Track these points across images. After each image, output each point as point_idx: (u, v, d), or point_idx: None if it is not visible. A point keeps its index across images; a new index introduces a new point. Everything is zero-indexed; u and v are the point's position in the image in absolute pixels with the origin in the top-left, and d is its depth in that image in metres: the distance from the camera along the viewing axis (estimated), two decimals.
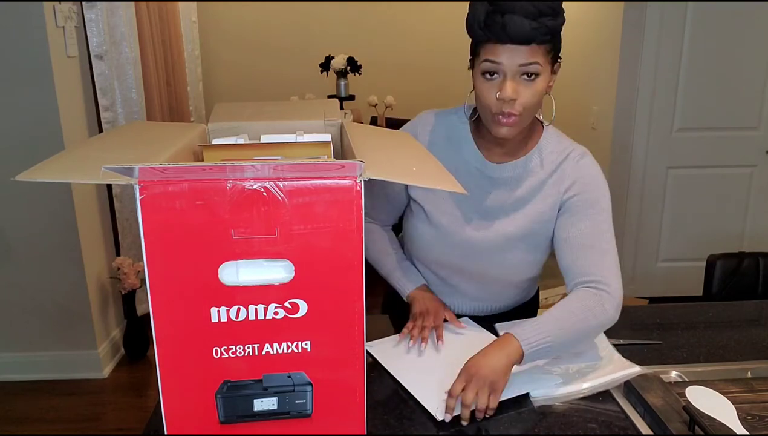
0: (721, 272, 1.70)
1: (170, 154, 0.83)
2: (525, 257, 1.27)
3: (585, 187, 1.21)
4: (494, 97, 1.10)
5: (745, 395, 1.04)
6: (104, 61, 2.71)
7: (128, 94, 2.90)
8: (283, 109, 1.23)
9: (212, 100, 4.34)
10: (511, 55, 1.06)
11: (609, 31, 3.24)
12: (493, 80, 1.10)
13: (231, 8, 4.42)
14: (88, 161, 0.77)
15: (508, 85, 1.08)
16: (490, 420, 1.02)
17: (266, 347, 0.80)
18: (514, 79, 1.08)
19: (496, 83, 1.10)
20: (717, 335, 1.31)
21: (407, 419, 1.02)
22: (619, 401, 1.07)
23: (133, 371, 2.79)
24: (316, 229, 0.76)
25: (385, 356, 1.20)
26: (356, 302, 0.79)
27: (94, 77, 2.69)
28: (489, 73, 1.10)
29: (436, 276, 1.36)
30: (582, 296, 1.14)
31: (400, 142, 1.06)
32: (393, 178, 0.77)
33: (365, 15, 4.50)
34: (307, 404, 0.83)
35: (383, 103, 4.11)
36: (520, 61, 1.07)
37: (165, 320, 0.77)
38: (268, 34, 4.49)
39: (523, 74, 1.08)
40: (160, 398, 0.80)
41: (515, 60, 1.07)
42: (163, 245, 0.74)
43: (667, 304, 1.49)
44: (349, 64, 3.97)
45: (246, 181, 0.73)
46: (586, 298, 1.13)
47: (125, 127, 1.14)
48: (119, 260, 2.75)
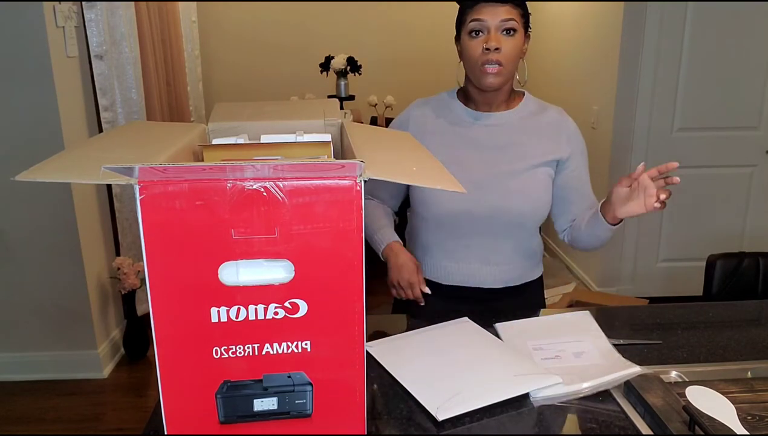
0: (721, 272, 1.70)
1: (170, 154, 0.83)
2: (532, 192, 1.39)
3: (578, 142, 1.44)
4: (481, 49, 1.31)
5: (745, 395, 1.04)
6: (104, 61, 2.71)
7: (128, 94, 2.90)
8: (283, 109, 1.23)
9: (212, 100, 4.34)
10: (493, 13, 1.30)
11: (609, 31, 3.24)
12: (478, 37, 1.32)
13: (231, 8, 4.42)
14: (88, 161, 0.77)
15: (492, 36, 1.30)
16: (490, 420, 1.02)
17: (266, 347, 0.80)
18: (497, 33, 1.30)
19: (481, 39, 1.32)
20: (717, 335, 1.31)
21: (407, 419, 1.02)
22: (619, 401, 1.07)
23: (133, 371, 2.79)
24: (316, 229, 0.76)
25: (385, 356, 1.20)
26: (356, 302, 0.79)
27: (94, 77, 2.70)
28: (475, 31, 1.31)
29: (449, 237, 1.43)
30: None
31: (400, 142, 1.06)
32: (393, 178, 0.77)
33: (365, 15, 4.51)
34: (307, 404, 0.83)
35: (383, 103, 4.11)
36: (501, 17, 1.30)
37: (165, 320, 0.77)
38: (268, 34, 4.49)
39: (503, 30, 1.30)
40: (160, 398, 0.80)
41: (497, 16, 1.30)
42: (163, 245, 0.74)
43: (667, 304, 1.49)
44: (349, 64, 3.97)
45: (246, 181, 0.73)
46: None
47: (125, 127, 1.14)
48: (119, 260, 2.75)
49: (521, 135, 1.40)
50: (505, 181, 1.38)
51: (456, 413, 1.01)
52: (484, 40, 1.31)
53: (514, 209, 1.38)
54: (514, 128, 1.41)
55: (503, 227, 1.40)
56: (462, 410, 1.02)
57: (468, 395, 1.06)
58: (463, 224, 1.40)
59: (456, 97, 1.46)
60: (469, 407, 1.03)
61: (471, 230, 1.40)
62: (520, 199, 1.38)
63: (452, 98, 1.46)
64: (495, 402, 1.04)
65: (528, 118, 1.42)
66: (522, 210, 1.39)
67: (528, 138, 1.41)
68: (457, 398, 1.04)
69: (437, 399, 1.05)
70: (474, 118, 1.42)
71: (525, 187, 1.38)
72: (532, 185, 1.39)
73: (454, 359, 1.18)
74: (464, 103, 1.44)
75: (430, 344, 1.24)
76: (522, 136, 1.40)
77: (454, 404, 1.03)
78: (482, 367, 1.15)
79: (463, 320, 1.34)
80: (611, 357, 1.18)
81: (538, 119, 1.42)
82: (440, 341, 1.26)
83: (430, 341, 1.25)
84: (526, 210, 1.39)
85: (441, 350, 1.22)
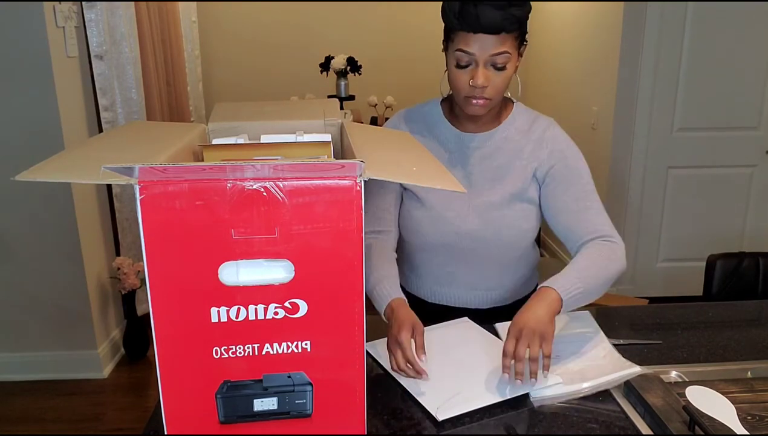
0: (721, 272, 1.70)
1: (170, 154, 0.83)
2: (514, 223, 1.31)
3: (562, 154, 1.30)
4: (467, 83, 1.19)
5: (745, 395, 1.04)
6: (104, 61, 2.71)
7: (128, 94, 2.90)
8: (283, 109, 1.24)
9: (212, 100, 4.34)
10: (483, 45, 1.15)
11: (609, 31, 3.24)
12: (465, 68, 1.19)
13: (231, 8, 4.42)
14: (88, 161, 0.77)
15: (480, 73, 1.17)
16: (490, 420, 1.02)
17: (266, 347, 0.80)
18: (486, 67, 1.17)
19: (468, 71, 1.19)
20: (717, 335, 1.31)
21: (407, 419, 1.02)
22: (619, 401, 1.07)
23: (133, 371, 2.79)
24: (316, 229, 0.76)
25: (385, 357, 1.20)
26: (356, 302, 0.79)
27: (94, 77, 2.69)
28: (461, 62, 1.18)
29: (434, 263, 1.38)
30: (598, 247, 1.24)
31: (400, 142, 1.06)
32: (393, 178, 0.77)
33: (365, 15, 4.50)
34: (307, 404, 0.83)
35: (383, 103, 4.11)
36: (491, 51, 1.15)
37: (165, 320, 0.77)
38: (268, 34, 4.49)
39: (493, 64, 1.17)
40: (160, 398, 0.80)
41: (486, 50, 1.15)
42: (163, 245, 0.74)
43: (667, 304, 1.49)
44: (349, 64, 3.97)
45: (246, 181, 0.73)
46: (602, 249, 1.23)
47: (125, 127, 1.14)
48: (119, 260, 2.75)
49: (506, 158, 1.31)
50: (487, 211, 1.30)
51: (456, 413, 1.01)
52: (471, 74, 1.18)
53: (498, 240, 1.32)
54: (500, 152, 1.31)
55: (488, 256, 1.35)
56: (462, 410, 1.02)
57: (468, 395, 1.06)
58: (447, 252, 1.35)
59: (441, 109, 1.36)
60: (469, 407, 1.03)
61: (455, 259, 1.35)
62: (504, 231, 1.31)
63: (438, 113, 1.36)
64: (495, 402, 1.04)
65: (514, 137, 1.32)
66: (507, 240, 1.33)
67: (512, 161, 1.31)
68: (457, 398, 1.04)
69: (437, 399, 1.05)
70: (459, 141, 1.32)
71: (508, 218, 1.30)
72: (515, 216, 1.31)
73: (454, 359, 1.18)
74: (449, 116, 1.34)
75: (430, 344, 1.24)
76: (507, 159, 1.31)
77: (454, 404, 1.03)
78: (482, 367, 1.15)
79: (463, 319, 1.34)
80: (611, 357, 1.18)
81: (525, 138, 1.32)
82: (440, 341, 1.25)
83: (429, 341, 1.25)
84: (511, 240, 1.33)
85: (441, 350, 1.22)
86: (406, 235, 1.38)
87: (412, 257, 1.41)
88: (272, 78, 4.52)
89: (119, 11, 2.78)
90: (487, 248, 1.34)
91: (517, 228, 1.32)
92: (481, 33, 1.13)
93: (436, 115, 1.36)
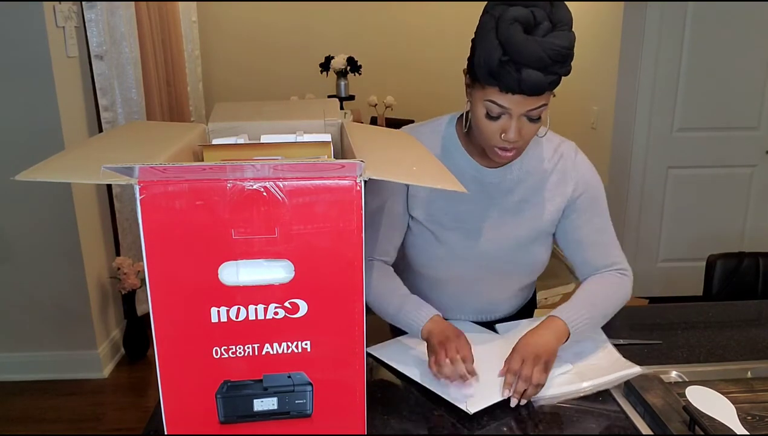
0: (721, 272, 1.70)
1: (170, 154, 0.83)
2: (536, 257, 1.27)
3: (587, 185, 1.25)
4: (497, 135, 1.09)
5: (745, 395, 1.04)
6: (104, 61, 2.71)
7: (128, 94, 2.90)
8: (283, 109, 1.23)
9: (212, 100, 4.34)
10: (520, 103, 1.05)
11: (609, 31, 3.24)
12: (497, 120, 1.08)
13: (231, 8, 4.42)
14: (88, 161, 0.77)
15: (513, 127, 1.07)
16: (490, 420, 1.02)
17: (266, 347, 0.80)
18: (519, 120, 1.07)
19: (500, 122, 1.08)
20: (717, 335, 1.31)
21: (407, 419, 1.02)
22: (619, 401, 1.07)
23: (133, 371, 2.79)
24: (316, 229, 0.76)
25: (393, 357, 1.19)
26: (356, 302, 0.79)
27: (94, 77, 2.69)
28: (492, 113, 1.08)
29: (444, 294, 1.31)
30: (611, 278, 1.26)
31: (400, 142, 1.06)
32: (393, 178, 0.77)
33: (365, 15, 4.50)
34: (307, 404, 0.83)
35: (383, 103, 4.11)
36: (529, 108, 1.06)
37: (165, 320, 0.77)
38: (268, 34, 4.49)
39: (528, 116, 1.07)
40: (160, 398, 0.80)
41: (523, 106, 1.05)
42: (163, 245, 0.74)
43: (667, 304, 1.50)
44: (349, 64, 3.97)
45: (246, 181, 0.73)
46: (613, 280, 1.26)
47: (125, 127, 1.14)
48: (119, 260, 2.75)
49: (530, 192, 1.24)
50: (509, 247, 1.24)
51: (484, 405, 1.02)
52: (503, 126, 1.08)
53: (518, 271, 1.29)
54: (522, 186, 1.23)
55: (503, 284, 1.31)
56: (489, 402, 1.03)
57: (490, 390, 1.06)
58: (460, 284, 1.29)
59: (455, 133, 1.24)
60: (494, 399, 1.04)
61: (468, 289, 1.30)
62: (524, 264, 1.27)
63: (453, 137, 1.23)
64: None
65: (537, 168, 1.23)
66: (526, 271, 1.30)
67: (535, 194, 1.24)
68: (482, 393, 1.05)
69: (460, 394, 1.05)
70: (478, 174, 1.22)
71: (530, 253, 1.26)
72: (537, 250, 1.26)
73: None
74: (466, 142, 1.23)
75: None
76: (530, 192, 1.24)
77: (481, 398, 1.04)
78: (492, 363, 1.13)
79: (463, 321, 1.34)
80: (611, 357, 1.18)
81: (549, 167, 1.24)
82: None
83: None
84: (529, 270, 1.30)
85: None
86: (419, 269, 1.30)
87: (420, 288, 1.31)
88: (272, 78, 4.52)
89: (119, 11, 2.78)
90: (503, 281, 1.31)
91: (540, 262, 1.29)
92: (521, 95, 1.03)
93: (453, 141, 1.24)
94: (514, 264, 1.27)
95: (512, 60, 1.00)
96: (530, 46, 0.99)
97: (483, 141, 1.14)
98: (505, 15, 1.00)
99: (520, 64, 1.00)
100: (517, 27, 0.99)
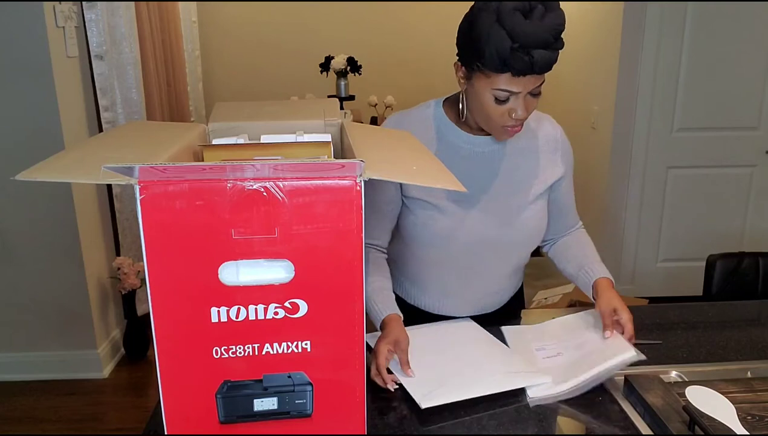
0: (721, 272, 1.70)
1: (170, 154, 0.83)
2: (535, 223, 1.31)
3: (568, 155, 1.36)
4: (507, 116, 1.16)
5: (745, 395, 1.04)
6: (104, 61, 2.71)
7: (128, 94, 2.90)
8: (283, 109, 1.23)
9: (212, 100, 4.34)
10: (527, 83, 1.12)
11: (609, 31, 3.23)
12: (504, 103, 1.15)
13: (231, 8, 4.42)
14: (88, 161, 0.77)
15: (521, 106, 1.15)
16: (490, 420, 1.02)
17: (266, 347, 0.80)
18: (525, 99, 1.15)
19: (507, 105, 1.15)
20: (717, 335, 1.31)
21: (407, 419, 1.02)
22: (619, 401, 1.07)
23: (133, 371, 2.79)
24: (316, 229, 0.76)
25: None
26: (356, 302, 0.79)
27: (94, 77, 2.69)
28: (501, 98, 1.14)
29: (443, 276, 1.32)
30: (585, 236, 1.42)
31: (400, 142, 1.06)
32: (393, 178, 0.77)
33: (365, 15, 4.50)
34: (307, 404, 0.83)
35: (383, 103, 4.11)
36: (534, 86, 1.13)
37: (165, 320, 0.77)
38: (268, 34, 4.49)
39: (532, 92, 1.15)
40: (160, 398, 0.80)
41: (530, 86, 1.13)
42: (163, 245, 0.74)
43: (667, 304, 1.50)
44: (349, 64, 3.97)
45: (246, 181, 0.73)
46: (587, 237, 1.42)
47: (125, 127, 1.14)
48: (119, 260, 2.75)
49: (521, 159, 1.30)
50: (510, 215, 1.28)
51: (438, 402, 1.03)
52: (512, 108, 1.15)
53: (518, 241, 1.31)
54: (514, 152, 1.29)
55: (502, 260, 1.33)
56: (445, 400, 1.03)
57: (453, 387, 1.07)
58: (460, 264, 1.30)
59: (443, 112, 1.30)
60: (451, 398, 1.04)
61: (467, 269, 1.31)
62: (525, 231, 1.30)
63: (440, 116, 1.30)
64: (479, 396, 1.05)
65: (525, 136, 1.29)
66: (526, 241, 1.32)
67: (527, 162, 1.30)
68: (441, 390, 1.06)
69: (423, 389, 1.06)
70: (472, 144, 1.28)
71: (529, 219, 1.29)
72: (535, 216, 1.30)
73: (449, 354, 1.20)
74: (455, 120, 1.28)
75: (429, 339, 1.24)
76: (521, 160, 1.30)
77: (438, 395, 1.04)
78: (474, 362, 1.16)
79: (465, 319, 1.34)
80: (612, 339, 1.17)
81: (536, 136, 1.31)
82: (438, 337, 1.26)
83: (428, 337, 1.25)
84: (530, 240, 1.33)
85: (437, 346, 1.23)
86: (421, 251, 1.31)
87: (418, 272, 1.35)
88: (272, 78, 4.52)
89: (119, 11, 2.78)
90: (505, 251, 1.31)
91: (537, 227, 1.32)
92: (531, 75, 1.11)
93: (438, 118, 1.30)
94: (513, 230, 1.29)
95: (522, 45, 1.07)
96: (535, 30, 1.07)
97: (491, 125, 1.20)
98: (503, 7, 1.08)
99: (529, 47, 1.07)
100: (518, 15, 1.07)
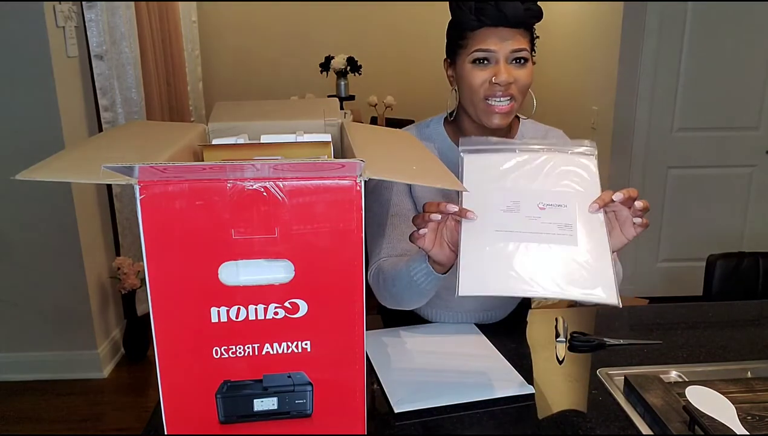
0: (721, 272, 1.70)
1: (170, 154, 0.83)
2: None
3: None
4: (488, 81, 1.13)
5: (745, 395, 1.04)
6: (104, 61, 2.71)
7: (128, 94, 2.90)
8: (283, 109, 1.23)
9: (212, 100, 4.34)
10: (503, 41, 1.11)
11: (609, 31, 3.23)
12: (485, 67, 1.14)
13: (231, 8, 4.42)
14: (88, 161, 0.77)
15: (502, 68, 1.12)
16: (490, 419, 1.02)
17: (266, 347, 0.80)
18: (507, 64, 1.13)
19: (488, 69, 1.14)
20: (717, 335, 1.31)
21: (407, 418, 1.02)
22: (619, 401, 1.07)
23: (133, 371, 2.79)
24: (316, 229, 0.76)
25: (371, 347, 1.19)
26: (356, 302, 0.79)
27: (94, 77, 2.69)
28: (480, 60, 1.13)
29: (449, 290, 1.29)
30: None
31: (400, 142, 1.06)
32: (393, 178, 0.77)
33: (365, 15, 4.51)
34: (307, 404, 0.83)
35: (383, 103, 4.12)
36: (512, 47, 1.12)
37: (165, 320, 0.77)
38: (268, 34, 4.50)
39: (514, 60, 1.13)
40: (160, 398, 0.80)
41: (507, 46, 1.12)
42: (163, 245, 0.74)
43: (667, 304, 1.49)
44: (349, 64, 3.98)
45: (246, 181, 0.73)
46: None
47: (125, 126, 1.14)
48: (119, 260, 2.75)
49: None
50: None
51: (412, 408, 1.02)
52: (493, 72, 1.12)
53: None
54: None
55: None
56: (419, 406, 1.03)
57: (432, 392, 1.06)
58: None
59: (444, 130, 1.27)
60: (427, 404, 1.03)
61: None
62: None
63: (440, 133, 1.28)
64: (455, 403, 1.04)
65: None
66: None
67: None
68: (419, 394, 1.05)
69: (400, 392, 1.06)
70: None
71: None
72: None
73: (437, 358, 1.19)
74: (454, 137, 1.26)
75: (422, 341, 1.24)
76: None
77: (415, 400, 1.04)
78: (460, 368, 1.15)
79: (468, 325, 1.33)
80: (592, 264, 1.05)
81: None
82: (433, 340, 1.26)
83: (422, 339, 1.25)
84: None
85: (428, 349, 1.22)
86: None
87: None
88: (272, 78, 4.53)
89: (119, 11, 2.78)
90: None
91: None
92: (502, 27, 1.11)
93: (440, 138, 1.28)
94: None
95: None
96: None
97: (476, 101, 1.16)
98: None
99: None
100: None
